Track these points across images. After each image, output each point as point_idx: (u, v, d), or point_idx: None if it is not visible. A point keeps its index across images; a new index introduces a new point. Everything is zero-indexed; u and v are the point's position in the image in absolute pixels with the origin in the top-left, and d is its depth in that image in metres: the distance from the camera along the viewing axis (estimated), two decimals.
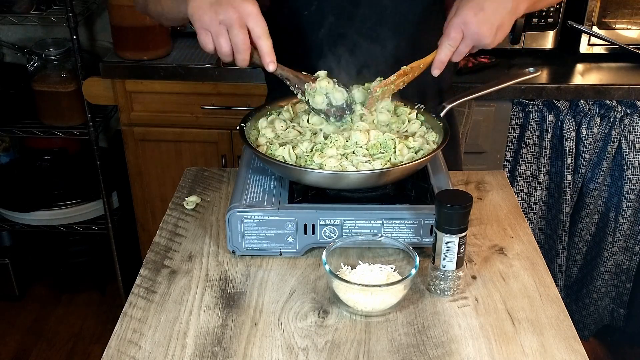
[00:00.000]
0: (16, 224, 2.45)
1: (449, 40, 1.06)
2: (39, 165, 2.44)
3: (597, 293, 2.28)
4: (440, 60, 1.08)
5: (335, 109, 1.14)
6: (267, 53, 1.04)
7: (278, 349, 0.91)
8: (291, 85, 1.13)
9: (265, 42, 1.03)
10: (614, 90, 1.97)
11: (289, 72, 1.12)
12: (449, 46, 1.06)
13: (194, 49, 2.16)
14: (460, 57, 1.09)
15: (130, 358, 0.90)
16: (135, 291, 1.03)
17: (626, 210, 2.12)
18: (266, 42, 1.03)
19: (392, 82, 1.12)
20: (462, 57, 1.09)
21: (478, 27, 1.04)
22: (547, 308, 0.99)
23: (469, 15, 1.04)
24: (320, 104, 1.13)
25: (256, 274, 1.06)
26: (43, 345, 2.42)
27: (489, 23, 1.05)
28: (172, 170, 2.22)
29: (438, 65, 1.08)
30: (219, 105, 2.09)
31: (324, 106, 1.14)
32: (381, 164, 1.05)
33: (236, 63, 1.05)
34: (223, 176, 1.34)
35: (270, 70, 1.06)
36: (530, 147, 2.07)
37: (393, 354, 0.90)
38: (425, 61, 1.11)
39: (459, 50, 1.08)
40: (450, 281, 1.00)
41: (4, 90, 2.30)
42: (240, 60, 1.03)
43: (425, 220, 1.05)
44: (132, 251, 2.45)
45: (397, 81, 1.12)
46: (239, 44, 1.01)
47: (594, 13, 2.09)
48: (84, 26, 2.51)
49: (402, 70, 1.12)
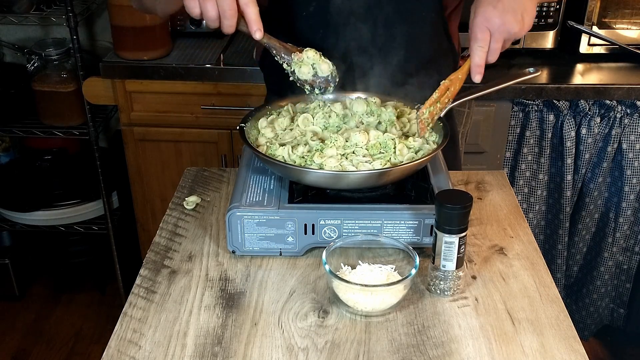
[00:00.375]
0: (16, 224, 2.45)
1: (478, 42, 1.04)
2: (39, 165, 2.44)
3: (597, 293, 2.28)
4: (476, 64, 1.05)
5: (321, 80, 1.15)
6: (254, 20, 1.04)
7: (278, 349, 0.91)
8: (277, 55, 1.13)
9: (252, 9, 1.03)
10: (614, 90, 1.97)
11: (275, 42, 1.13)
12: (480, 48, 1.04)
13: (194, 49, 2.16)
14: (496, 55, 1.06)
15: (130, 358, 0.90)
16: (135, 291, 1.03)
17: (626, 210, 2.12)
18: (253, 9, 1.03)
19: (435, 100, 1.10)
20: (498, 54, 1.06)
21: (501, 18, 1.02)
22: (547, 308, 0.99)
23: (488, 10, 1.03)
24: (306, 74, 1.14)
25: (256, 274, 1.06)
26: (43, 345, 2.42)
27: (512, 10, 1.02)
28: (172, 170, 2.21)
29: (477, 70, 1.06)
30: (219, 105, 2.09)
31: (310, 77, 1.14)
32: (381, 164, 1.05)
33: (222, 29, 1.04)
34: (223, 176, 1.34)
35: (256, 38, 1.06)
36: (530, 147, 2.07)
37: (393, 354, 0.90)
38: (463, 70, 1.10)
39: (492, 49, 1.05)
40: (450, 281, 1.00)
41: (4, 90, 2.30)
42: (226, 26, 1.03)
43: (425, 220, 1.05)
44: (132, 251, 2.45)
45: (441, 98, 1.11)
46: (225, 9, 1.01)
47: (594, 13, 2.09)
48: (84, 26, 2.51)
49: (442, 85, 1.11)
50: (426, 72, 1.23)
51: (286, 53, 1.13)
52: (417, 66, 1.29)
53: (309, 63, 1.14)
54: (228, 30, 1.04)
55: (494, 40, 1.05)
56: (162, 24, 2.08)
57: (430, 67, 1.32)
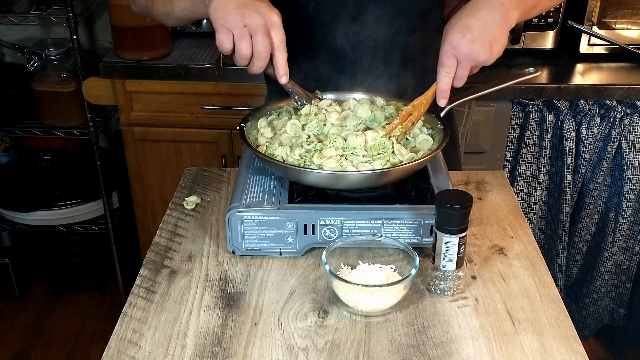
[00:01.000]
0: (16, 224, 2.45)
1: (444, 68, 1.05)
2: (39, 165, 2.44)
3: (597, 293, 2.28)
4: (442, 89, 1.07)
5: None
6: (281, 65, 1.06)
7: (278, 349, 0.91)
8: (298, 101, 1.18)
9: (282, 54, 1.05)
10: (614, 90, 1.97)
11: (298, 88, 1.17)
12: (446, 74, 1.05)
13: (194, 49, 2.16)
14: (462, 81, 1.07)
15: (130, 358, 0.90)
16: (135, 291, 1.03)
17: (626, 210, 2.12)
18: (283, 54, 1.05)
19: (396, 125, 1.12)
20: (464, 80, 1.07)
21: (469, 47, 1.02)
22: (547, 308, 0.99)
23: (457, 38, 1.03)
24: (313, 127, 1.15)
25: (256, 274, 1.06)
26: (43, 345, 2.42)
27: (480, 40, 1.02)
28: (172, 170, 2.22)
29: (442, 94, 1.07)
30: (219, 105, 2.09)
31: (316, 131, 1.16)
32: (381, 164, 1.05)
33: (250, 68, 1.05)
34: (223, 176, 1.34)
35: (282, 82, 1.09)
36: (530, 147, 2.07)
37: (393, 354, 0.90)
38: (427, 95, 1.11)
39: (458, 75, 1.06)
40: (450, 281, 1.00)
41: (4, 90, 2.30)
42: (256, 67, 1.04)
43: (425, 220, 1.05)
44: (132, 251, 2.45)
45: (404, 122, 1.12)
46: (260, 51, 1.01)
47: (594, 13, 2.09)
48: (84, 26, 2.51)
49: (404, 111, 1.13)
50: (426, 71, 1.23)
51: (307, 100, 1.18)
52: (416, 65, 1.29)
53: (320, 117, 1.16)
54: (256, 70, 1.05)
55: (460, 67, 1.05)
56: (162, 24, 2.07)
57: (430, 66, 1.32)
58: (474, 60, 1.04)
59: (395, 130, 1.12)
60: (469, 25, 1.03)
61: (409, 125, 1.13)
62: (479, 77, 1.98)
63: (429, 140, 1.13)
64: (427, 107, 1.12)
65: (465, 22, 1.03)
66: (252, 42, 1.01)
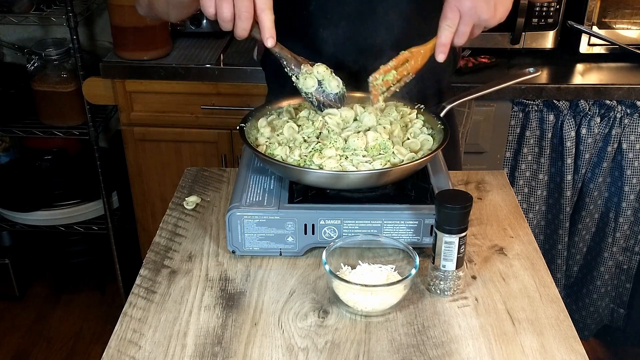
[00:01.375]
0: (16, 224, 2.45)
1: (447, 21, 1.04)
2: (39, 165, 2.44)
3: (597, 293, 2.28)
4: (442, 43, 1.05)
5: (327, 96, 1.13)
6: (267, 27, 1.03)
7: (278, 349, 0.91)
8: (287, 67, 1.12)
9: (267, 15, 1.02)
10: (614, 90, 1.97)
11: (287, 52, 1.11)
12: (447, 27, 1.04)
13: (194, 49, 2.16)
14: (463, 38, 1.05)
15: (130, 358, 0.90)
16: (135, 291, 1.03)
17: (626, 210, 2.12)
18: (269, 15, 1.02)
19: (390, 68, 1.09)
20: (465, 38, 1.05)
21: (473, 2, 1.02)
22: (547, 308, 0.99)
23: None
24: (310, 87, 1.12)
25: (256, 274, 1.06)
26: (43, 345, 2.42)
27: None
28: (172, 170, 2.22)
29: (441, 49, 1.05)
30: (219, 105, 2.09)
31: (313, 90, 1.12)
32: (381, 164, 1.05)
33: (235, 32, 1.03)
34: (223, 176, 1.34)
35: (268, 46, 1.05)
36: (530, 147, 2.07)
37: (393, 354, 0.90)
38: (427, 46, 1.08)
39: (459, 31, 1.04)
40: (450, 281, 1.00)
41: (4, 90, 2.30)
42: (239, 29, 1.02)
43: (425, 220, 1.05)
44: (132, 251, 2.45)
45: (399, 68, 1.09)
46: (242, 10, 1.00)
47: (594, 13, 2.09)
48: (84, 26, 2.51)
49: (401, 55, 1.09)
50: (425, 71, 1.23)
51: (296, 65, 1.12)
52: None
53: (317, 77, 1.12)
54: (241, 33, 1.02)
55: (463, 22, 1.04)
56: (162, 24, 2.08)
57: (429, 65, 1.32)
58: (476, 16, 1.03)
59: (389, 74, 1.09)
60: None
61: (405, 74, 1.10)
62: (479, 77, 1.99)
63: (429, 140, 1.13)
64: (424, 60, 1.09)
65: None
66: (234, 3, 1.00)
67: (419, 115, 1.20)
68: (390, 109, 1.20)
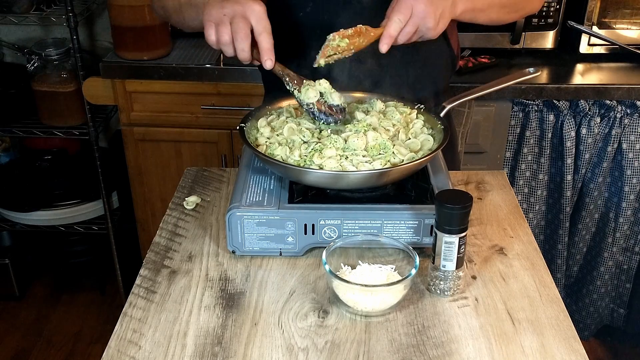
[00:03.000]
0: (16, 224, 2.45)
1: (399, 15, 1.07)
2: (39, 165, 2.44)
3: (597, 293, 2.28)
4: (389, 34, 1.07)
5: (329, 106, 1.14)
6: (265, 50, 1.06)
7: (278, 349, 0.91)
8: (289, 84, 1.14)
9: (266, 38, 1.06)
10: (614, 90, 1.97)
11: (288, 71, 1.14)
12: (398, 21, 1.07)
13: (194, 49, 2.16)
14: (404, 37, 1.09)
15: (130, 358, 0.90)
16: (135, 291, 1.03)
17: (626, 210, 2.12)
18: (267, 39, 1.06)
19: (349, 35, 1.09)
20: (406, 38, 1.09)
21: (425, 7, 1.07)
22: (547, 308, 0.99)
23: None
24: (312, 97, 1.13)
25: (256, 274, 1.06)
26: (43, 345, 2.42)
27: (434, 7, 1.07)
28: (172, 170, 2.22)
29: (387, 40, 1.07)
30: (219, 105, 2.09)
31: (314, 100, 1.13)
32: (381, 164, 1.05)
33: (237, 54, 1.07)
34: (223, 176, 1.34)
35: (267, 67, 1.08)
36: (530, 147, 2.07)
37: (393, 354, 0.90)
38: (376, 32, 1.10)
39: (404, 30, 1.08)
40: (450, 281, 1.00)
41: (4, 90, 2.30)
42: (239, 50, 1.05)
43: (425, 220, 1.05)
44: (132, 251, 2.45)
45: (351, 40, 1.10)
46: (238, 32, 1.04)
47: (594, 13, 2.09)
48: (84, 26, 2.51)
49: (358, 27, 1.10)
50: (423, 72, 1.24)
51: (298, 82, 1.14)
52: (414, 66, 1.29)
53: (319, 89, 1.14)
54: (241, 55, 1.06)
55: (411, 22, 1.08)
56: (162, 24, 2.08)
57: (428, 67, 1.32)
58: (422, 21, 1.08)
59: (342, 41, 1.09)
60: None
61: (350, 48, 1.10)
62: (479, 77, 1.99)
63: (429, 140, 1.13)
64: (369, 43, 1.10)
65: None
66: (231, 27, 1.04)
67: (419, 115, 1.21)
68: (392, 111, 1.20)
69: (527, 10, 1.34)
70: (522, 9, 1.31)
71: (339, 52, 1.11)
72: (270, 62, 1.07)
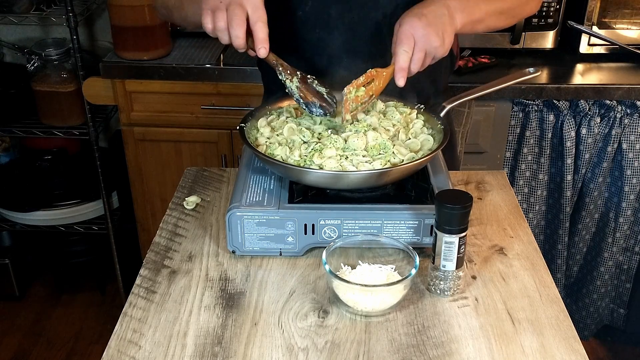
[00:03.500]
0: (16, 224, 2.45)
1: (403, 46, 1.07)
2: (39, 165, 2.44)
3: (597, 293, 2.28)
4: (401, 67, 1.07)
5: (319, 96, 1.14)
6: (260, 39, 1.07)
7: (278, 349, 0.91)
8: (283, 72, 1.14)
9: (261, 27, 1.06)
10: (614, 90, 1.97)
11: (281, 62, 1.14)
12: (404, 52, 1.07)
13: (194, 49, 2.16)
14: (417, 65, 1.09)
15: (130, 358, 0.90)
16: (135, 291, 1.03)
17: (626, 210, 2.12)
18: (262, 28, 1.06)
19: (361, 83, 1.10)
20: (419, 65, 1.09)
21: (425, 29, 1.07)
22: (547, 308, 0.99)
23: (414, 21, 1.07)
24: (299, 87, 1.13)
25: (256, 274, 1.06)
26: (43, 345, 2.42)
27: (434, 26, 1.07)
28: (172, 170, 2.22)
29: (400, 73, 1.08)
30: (219, 105, 2.09)
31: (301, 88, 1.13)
32: (381, 164, 1.05)
33: (232, 41, 1.07)
34: (223, 176, 1.34)
35: (260, 56, 1.09)
36: (530, 147, 2.07)
37: (393, 354, 0.90)
38: (388, 70, 1.11)
39: (414, 58, 1.08)
40: (450, 281, 1.00)
41: (4, 90, 2.30)
42: (234, 37, 1.06)
43: (425, 220, 1.05)
44: (132, 251, 2.45)
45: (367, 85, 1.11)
46: (233, 19, 1.04)
47: (594, 13, 2.09)
48: (84, 26, 2.51)
49: (369, 72, 1.11)
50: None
51: (291, 72, 1.15)
52: None
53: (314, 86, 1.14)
54: (237, 42, 1.06)
55: (417, 48, 1.08)
56: (162, 24, 2.08)
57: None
58: (428, 43, 1.07)
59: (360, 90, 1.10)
60: (423, 13, 1.08)
61: (370, 94, 1.11)
62: (479, 77, 1.99)
63: (429, 140, 1.13)
64: (385, 83, 1.12)
65: (419, 11, 1.09)
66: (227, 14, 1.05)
67: (419, 115, 1.21)
68: (392, 111, 1.20)
69: (525, 14, 1.34)
70: (519, 14, 1.31)
71: (361, 103, 1.11)
72: (264, 50, 1.08)
